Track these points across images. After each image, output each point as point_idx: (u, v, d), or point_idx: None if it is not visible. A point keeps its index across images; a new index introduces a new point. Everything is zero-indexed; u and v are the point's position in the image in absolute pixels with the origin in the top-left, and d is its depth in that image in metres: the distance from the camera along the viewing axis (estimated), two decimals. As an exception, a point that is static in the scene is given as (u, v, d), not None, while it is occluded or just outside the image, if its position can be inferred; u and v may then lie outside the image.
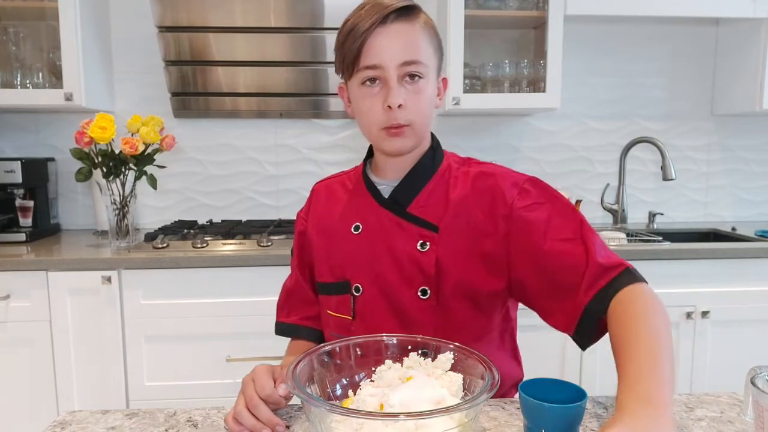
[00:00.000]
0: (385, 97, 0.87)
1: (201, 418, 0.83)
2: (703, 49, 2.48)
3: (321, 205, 1.04)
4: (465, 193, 0.92)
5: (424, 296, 0.90)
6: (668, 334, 0.73)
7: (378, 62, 0.86)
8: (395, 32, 0.85)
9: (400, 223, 0.92)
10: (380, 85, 0.88)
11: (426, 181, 0.94)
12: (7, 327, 1.78)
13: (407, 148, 0.91)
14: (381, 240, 0.93)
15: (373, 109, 0.88)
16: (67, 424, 0.81)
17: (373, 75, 0.87)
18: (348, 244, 0.96)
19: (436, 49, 0.91)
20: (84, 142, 1.86)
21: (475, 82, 2.27)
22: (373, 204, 0.95)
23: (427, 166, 0.95)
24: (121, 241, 1.96)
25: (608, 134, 2.49)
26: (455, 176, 0.94)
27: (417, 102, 0.88)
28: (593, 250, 0.83)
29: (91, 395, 1.83)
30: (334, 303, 0.98)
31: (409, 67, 0.86)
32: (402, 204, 0.93)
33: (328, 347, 0.76)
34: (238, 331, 1.84)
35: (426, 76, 0.88)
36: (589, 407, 0.84)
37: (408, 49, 0.86)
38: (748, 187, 2.56)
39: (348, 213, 0.98)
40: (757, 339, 1.97)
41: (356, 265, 0.94)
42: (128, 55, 2.31)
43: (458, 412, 0.59)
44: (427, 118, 0.91)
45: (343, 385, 0.76)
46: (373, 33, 0.85)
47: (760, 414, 0.63)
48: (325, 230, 1.00)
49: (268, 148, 2.40)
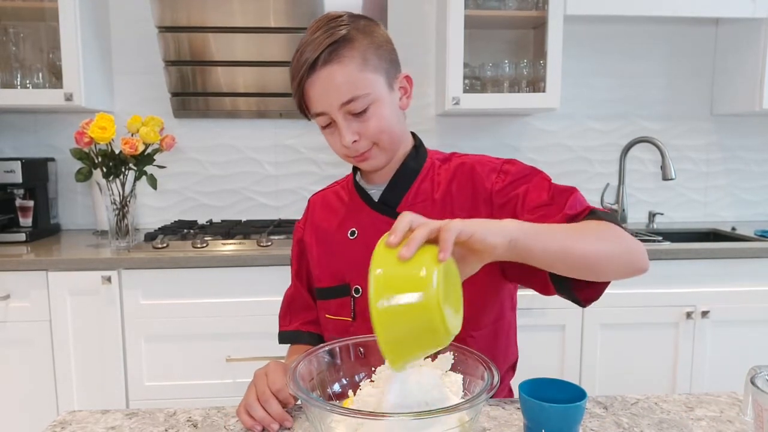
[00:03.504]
0: (340, 137, 0.90)
1: (201, 418, 0.83)
2: (703, 49, 2.48)
3: (317, 215, 1.08)
4: (447, 187, 0.96)
5: None
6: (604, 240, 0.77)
7: (321, 110, 0.89)
8: (326, 78, 0.87)
9: (390, 223, 0.92)
10: (334, 125, 0.91)
11: (411, 182, 0.98)
12: (7, 327, 1.78)
13: (380, 165, 0.95)
14: (376, 242, 0.93)
15: (335, 146, 0.94)
16: (67, 424, 0.81)
17: (323, 120, 0.91)
18: (345, 250, 0.99)
19: (378, 66, 0.90)
20: (84, 142, 1.86)
21: (474, 82, 2.27)
22: (365, 209, 0.99)
23: (411, 167, 0.98)
24: (121, 241, 1.96)
25: (608, 134, 2.49)
26: (438, 173, 0.98)
27: (372, 128, 0.90)
28: (564, 206, 0.85)
29: (91, 395, 1.83)
30: (333, 306, 1.01)
31: (349, 105, 0.88)
32: (391, 205, 0.97)
33: (329, 347, 0.76)
34: (238, 331, 1.84)
35: (373, 101, 0.89)
36: (589, 407, 0.84)
37: (343, 90, 0.87)
38: (747, 187, 2.56)
39: (343, 220, 1.02)
40: (757, 339, 1.97)
41: (355, 268, 0.97)
42: (128, 55, 2.31)
43: (458, 412, 0.59)
44: (391, 133, 0.92)
45: (343, 385, 0.76)
46: (307, 83, 0.88)
47: (760, 414, 0.64)
48: (322, 238, 1.04)
49: (267, 148, 2.40)
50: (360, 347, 0.78)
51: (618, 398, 0.87)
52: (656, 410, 0.83)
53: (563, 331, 1.93)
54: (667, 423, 0.79)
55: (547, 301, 0.88)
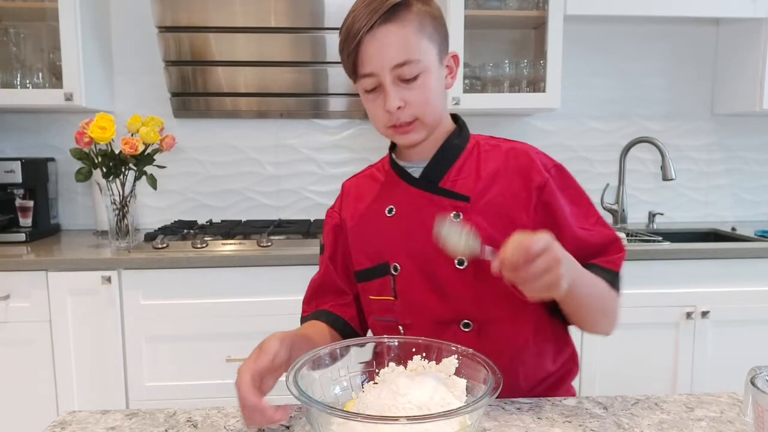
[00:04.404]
0: (384, 102, 0.89)
1: (201, 418, 0.83)
2: (703, 49, 2.48)
3: (353, 199, 1.05)
4: (497, 166, 0.95)
5: (461, 266, 0.91)
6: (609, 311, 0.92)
7: (371, 70, 0.88)
8: (383, 37, 0.86)
9: (432, 199, 0.94)
10: (380, 90, 0.89)
11: (456, 158, 0.96)
12: (7, 327, 1.78)
13: (419, 140, 0.93)
14: (415, 217, 0.94)
15: (376, 113, 0.91)
16: (67, 424, 0.81)
17: (371, 82, 0.89)
18: (383, 228, 0.97)
19: (433, 36, 0.90)
20: (84, 142, 1.86)
21: (475, 82, 2.27)
22: (404, 186, 0.97)
23: (455, 144, 0.97)
24: (121, 241, 1.96)
25: (608, 134, 2.49)
26: (486, 151, 0.97)
27: (418, 97, 0.89)
28: (605, 255, 0.93)
29: (91, 395, 1.83)
30: (375, 287, 0.98)
31: (401, 69, 0.87)
32: (434, 181, 0.95)
33: (328, 349, 0.76)
34: (238, 331, 1.84)
35: (424, 70, 0.88)
36: (589, 407, 0.84)
37: (398, 51, 0.86)
38: (748, 187, 2.56)
39: (381, 199, 1.00)
40: (757, 339, 1.97)
41: (393, 246, 0.96)
42: (128, 55, 2.31)
43: (460, 416, 0.59)
44: (435, 107, 0.91)
45: (344, 388, 0.76)
46: (363, 41, 0.86)
47: (760, 414, 0.63)
48: (360, 220, 1.02)
49: (268, 148, 2.40)
50: (362, 349, 0.78)
51: (618, 398, 0.87)
52: (656, 410, 0.83)
53: (563, 331, 1.92)
54: (667, 423, 0.79)
55: (547, 301, 0.88)
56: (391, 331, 0.97)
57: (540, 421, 0.80)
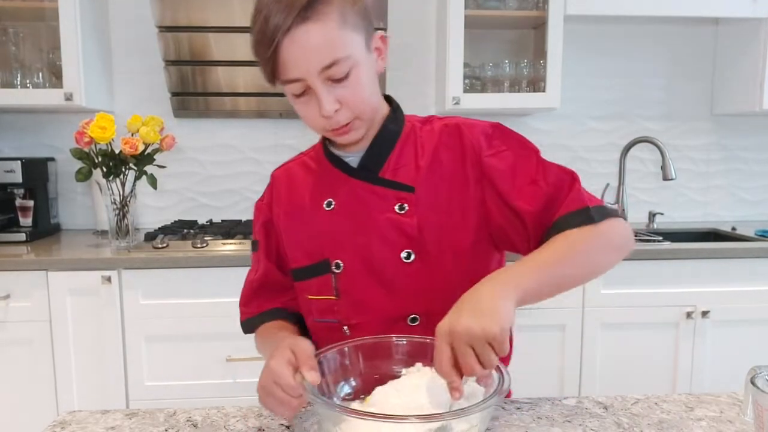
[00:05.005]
0: (319, 107, 0.81)
1: (201, 418, 0.83)
2: (703, 49, 2.48)
3: (284, 191, 0.98)
4: (433, 148, 0.90)
5: (408, 259, 0.88)
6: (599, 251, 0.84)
7: (296, 76, 0.79)
8: (303, 40, 0.76)
9: (374, 190, 0.89)
10: (309, 93, 0.82)
11: (393, 145, 0.91)
12: (7, 327, 1.78)
13: (360, 137, 0.88)
14: (357, 211, 0.90)
15: (312, 118, 0.84)
16: (67, 424, 0.81)
17: (298, 87, 0.81)
18: (322, 223, 0.92)
19: (357, 24, 0.81)
20: (84, 142, 1.86)
21: (475, 82, 2.27)
22: (342, 177, 0.91)
23: (391, 129, 0.92)
24: (120, 241, 1.96)
25: (608, 134, 2.49)
26: (420, 135, 0.92)
27: (353, 96, 0.82)
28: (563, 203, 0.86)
29: (91, 395, 1.83)
30: (314, 286, 0.93)
31: (329, 70, 0.78)
32: (373, 170, 0.90)
33: (337, 348, 0.76)
34: (238, 331, 1.82)
35: (354, 65, 0.80)
36: (589, 407, 0.84)
37: (323, 53, 0.77)
38: (747, 186, 2.56)
39: (316, 191, 0.94)
40: (757, 339, 1.97)
41: (334, 242, 0.90)
42: (128, 55, 2.31)
43: (467, 416, 0.59)
44: (371, 101, 0.86)
45: (353, 386, 0.77)
46: (282, 45, 0.77)
47: (760, 414, 0.64)
48: (293, 214, 0.96)
49: (267, 148, 2.40)
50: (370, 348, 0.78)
51: (618, 398, 0.87)
52: (656, 410, 0.83)
53: (563, 331, 1.93)
54: (667, 423, 0.79)
55: (547, 301, 0.88)
56: (333, 333, 0.92)
57: (540, 420, 0.80)
